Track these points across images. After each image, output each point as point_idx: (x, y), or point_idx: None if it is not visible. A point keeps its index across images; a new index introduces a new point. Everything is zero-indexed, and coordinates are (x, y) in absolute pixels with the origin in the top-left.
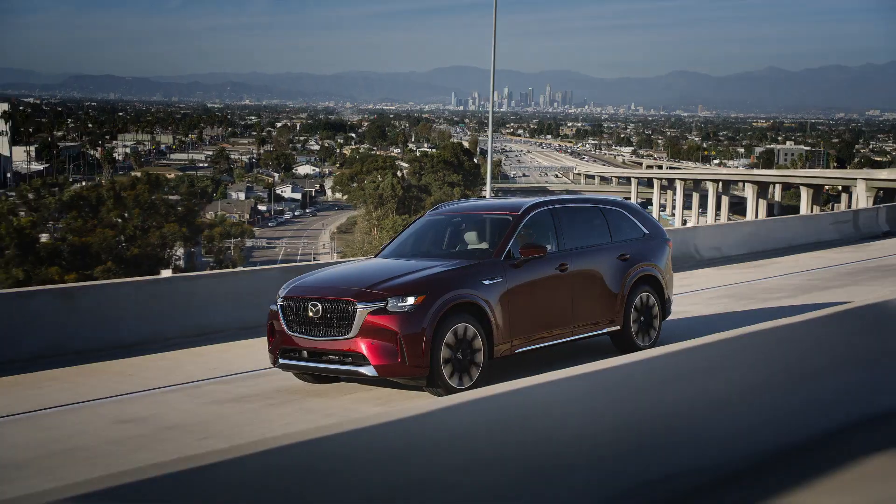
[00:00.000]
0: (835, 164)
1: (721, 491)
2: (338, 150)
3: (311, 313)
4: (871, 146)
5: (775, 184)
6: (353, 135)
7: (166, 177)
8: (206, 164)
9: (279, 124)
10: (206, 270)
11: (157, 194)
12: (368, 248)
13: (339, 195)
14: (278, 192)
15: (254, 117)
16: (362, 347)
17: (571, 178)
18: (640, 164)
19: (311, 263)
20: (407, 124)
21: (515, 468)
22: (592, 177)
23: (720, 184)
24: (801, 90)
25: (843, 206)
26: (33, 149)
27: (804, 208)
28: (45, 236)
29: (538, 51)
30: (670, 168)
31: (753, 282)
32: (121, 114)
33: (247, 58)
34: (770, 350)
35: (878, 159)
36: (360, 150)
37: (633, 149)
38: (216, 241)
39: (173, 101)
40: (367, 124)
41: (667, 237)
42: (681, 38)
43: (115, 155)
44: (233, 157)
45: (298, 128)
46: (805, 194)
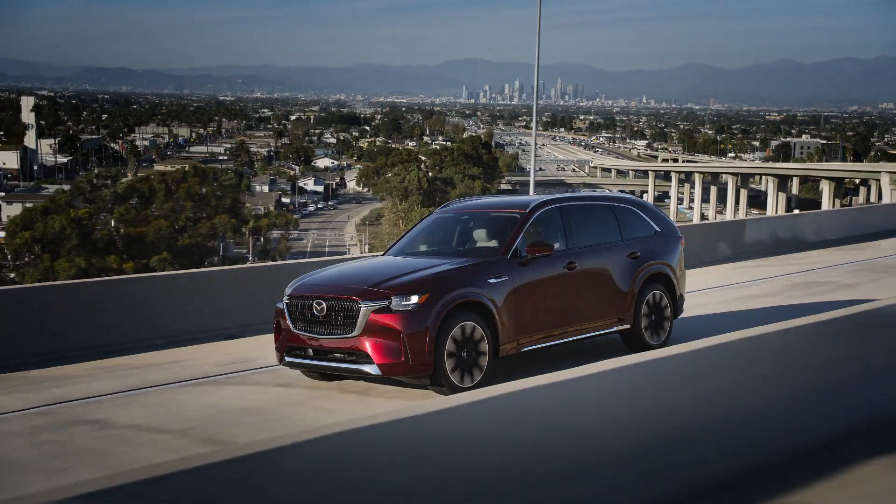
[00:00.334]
0: (851, 158)
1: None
2: (355, 144)
3: (315, 311)
4: (885, 139)
5: (793, 177)
6: (367, 128)
7: (214, 170)
8: (225, 157)
9: (293, 117)
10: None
11: (207, 187)
12: (396, 239)
13: (361, 188)
14: (301, 184)
15: (266, 110)
16: (366, 346)
17: (587, 171)
18: (656, 157)
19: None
20: (420, 117)
21: (535, 466)
22: (609, 170)
23: (739, 177)
24: (814, 83)
25: (861, 199)
26: (56, 141)
27: (826, 201)
28: (102, 228)
29: (549, 43)
30: (686, 161)
31: (868, 260)
32: (135, 106)
33: (258, 50)
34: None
35: (894, 152)
36: (377, 144)
37: (647, 142)
38: (263, 231)
39: (185, 93)
40: (379, 117)
41: (679, 235)
42: (692, 30)
43: (138, 148)
44: (251, 149)
45: (312, 121)
46: (827, 187)
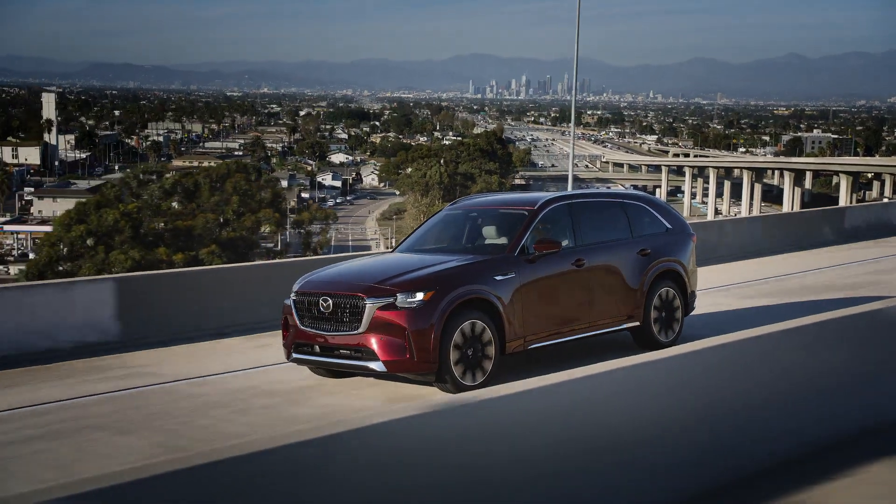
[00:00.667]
0: (862, 153)
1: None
2: (366, 139)
3: (322, 308)
4: (895, 133)
5: (806, 172)
6: (377, 123)
7: (255, 164)
8: (240, 153)
9: (302, 112)
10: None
11: (251, 183)
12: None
13: (379, 183)
14: (318, 179)
15: (275, 106)
16: (371, 343)
17: (599, 166)
18: (667, 152)
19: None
20: (428, 112)
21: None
22: (621, 165)
23: (753, 172)
24: (822, 77)
25: (874, 193)
26: (73, 137)
27: (844, 196)
28: (152, 221)
29: (556, 38)
30: (697, 157)
31: None
32: (143, 102)
33: (264, 46)
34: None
35: None
36: (390, 139)
37: (657, 137)
38: (305, 224)
39: (192, 89)
40: (388, 112)
41: (691, 232)
42: (699, 25)
43: (158, 144)
44: (266, 145)
45: (322, 116)
46: (845, 182)
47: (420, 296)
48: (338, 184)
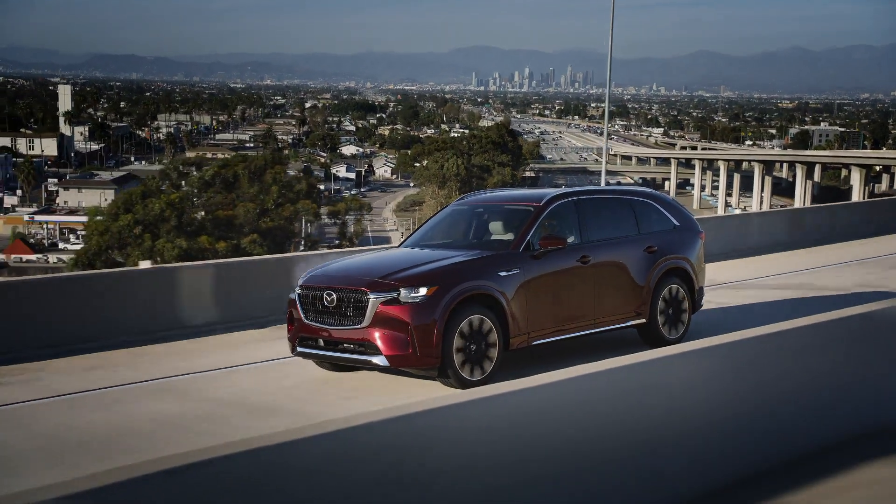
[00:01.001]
0: (870, 145)
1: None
2: (375, 131)
3: (326, 302)
4: None
5: (816, 165)
6: (384, 115)
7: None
8: (251, 145)
9: (308, 104)
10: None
11: (289, 174)
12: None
13: (391, 175)
14: (334, 171)
15: (279, 97)
16: (375, 337)
17: (607, 158)
18: (674, 144)
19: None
20: (434, 105)
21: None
22: (629, 157)
23: (763, 165)
24: (825, 70)
25: (884, 186)
26: (86, 129)
27: (857, 189)
28: (195, 210)
29: (558, 30)
30: (704, 149)
31: None
32: (148, 94)
33: (267, 38)
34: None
35: None
36: (399, 132)
37: (663, 130)
38: (341, 215)
39: (195, 80)
40: (393, 104)
41: (699, 229)
42: (702, 18)
43: (171, 136)
44: (277, 136)
45: (328, 108)
46: (858, 175)
47: (423, 291)
48: (352, 175)
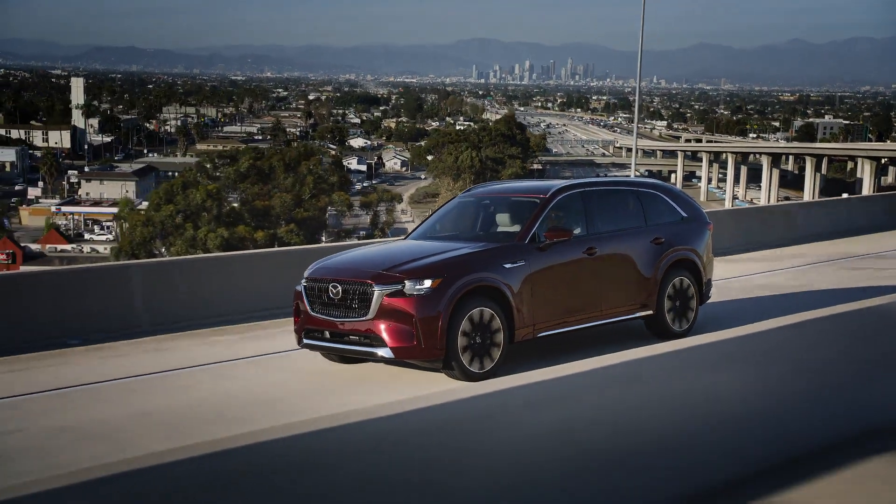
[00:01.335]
0: (874, 138)
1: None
2: (381, 124)
3: (331, 295)
4: None
5: (824, 157)
6: (387, 107)
7: (321, 148)
8: (259, 137)
9: (311, 97)
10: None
11: (321, 166)
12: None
13: (399, 167)
14: (345, 164)
15: (281, 90)
16: (380, 329)
17: (612, 151)
18: (678, 137)
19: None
20: (436, 97)
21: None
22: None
23: (771, 157)
24: (826, 63)
25: (890, 178)
26: (96, 121)
27: (867, 182)
28: (234, 201)
29: (559, 23)
30: (709, 142)
31: None
32: (150, 86)
33: (267, 30)
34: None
35: None
36: (405, 124)
37: (667, 122)
38: (373, 205)
39: (195, 73)
40: (395, 97)
41: (707, 220)
42: (702, 9)
43: (184, 128)
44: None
45: (331, 101)
46: (868, 167)
47: (428, 283)
48: (363, 168)
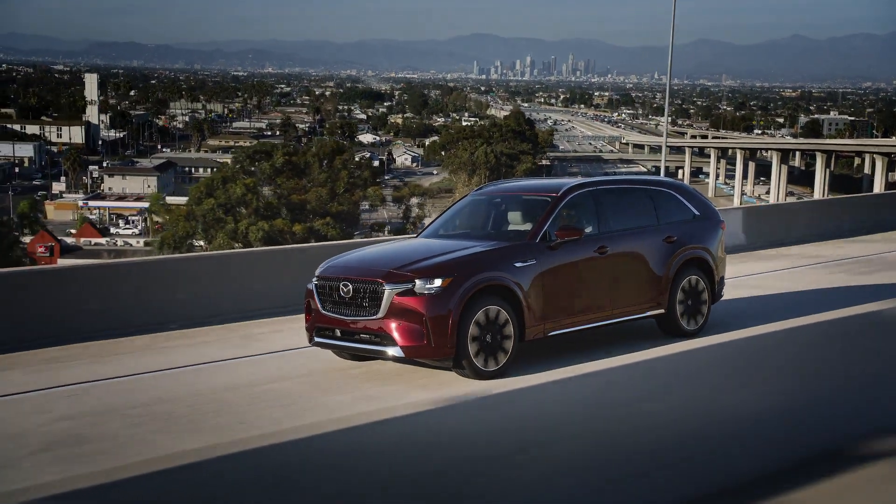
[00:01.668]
0: (879, 134)
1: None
2: (388, 120)
3: (342, 293)
4: None
5: (833, 153)
6: (391, 103)
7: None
8: (269, 133)
9: (317, 92)
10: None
11: (358, 161)
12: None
13: (409, 163)
14: (358, 159)
15: (283, 85)
16: (390, 328)
17: (618, 147)
18: (683, 133)
19: None
20: (438, 93)
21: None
22: (641, 146)
23: (780, 154)
24: (827, 59)
25: None
26: (107, 117)
27: (879, 178)
28: (271, 195)
29: (559, 18)
30: (715, 138)
31: None
32: (153, 82)
33: (267, 25)
34: None
35: None
36: (413, 120)
37: (671, 118)
38: (405, 200)
39: (196, 68)
40: (398, 93)
41: (720, 219)
42: (703, 5)
43: (196, 124)
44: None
45: (336, 96)
46: (880, 163)
47: (438, 282)
48: (375, 164)
